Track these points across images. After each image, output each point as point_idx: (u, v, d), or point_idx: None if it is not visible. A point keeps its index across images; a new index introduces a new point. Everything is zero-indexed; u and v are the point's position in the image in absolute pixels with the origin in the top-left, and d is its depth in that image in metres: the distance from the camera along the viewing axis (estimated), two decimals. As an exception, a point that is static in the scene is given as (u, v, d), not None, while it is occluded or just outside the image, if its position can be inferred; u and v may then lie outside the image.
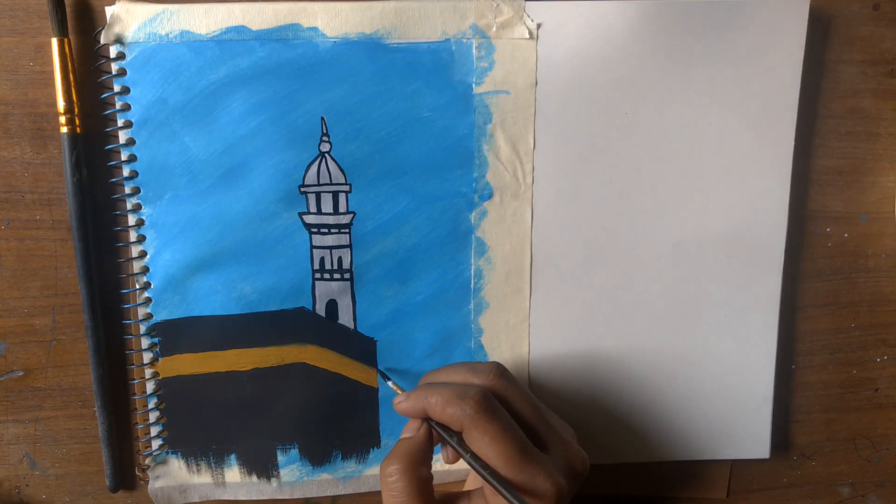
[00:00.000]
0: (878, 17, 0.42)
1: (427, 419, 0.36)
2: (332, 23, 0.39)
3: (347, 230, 0.41)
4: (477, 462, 0.33)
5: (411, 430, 0.36)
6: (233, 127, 0.39)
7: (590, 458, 0.37)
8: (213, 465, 0.43)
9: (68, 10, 0.38)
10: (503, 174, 0.41)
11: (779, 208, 0.42)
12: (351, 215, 0.41)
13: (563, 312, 0.43)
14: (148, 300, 0.41)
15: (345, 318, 0.42)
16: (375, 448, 0.43)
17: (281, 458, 0.43)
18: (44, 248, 0.41)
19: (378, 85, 0.39)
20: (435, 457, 0.43)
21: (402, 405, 0.36)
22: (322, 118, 0.40)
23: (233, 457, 0.43)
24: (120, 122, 0.39)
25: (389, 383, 0.41)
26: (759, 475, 0.47)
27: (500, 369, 0.36)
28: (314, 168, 0.40)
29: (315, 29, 0.39)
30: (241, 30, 0.38)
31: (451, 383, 0.36)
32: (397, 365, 0.42)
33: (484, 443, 0.33)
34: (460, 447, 0.34)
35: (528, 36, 0.40)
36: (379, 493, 0.44)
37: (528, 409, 0.36)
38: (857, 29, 0.42)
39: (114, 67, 0.38)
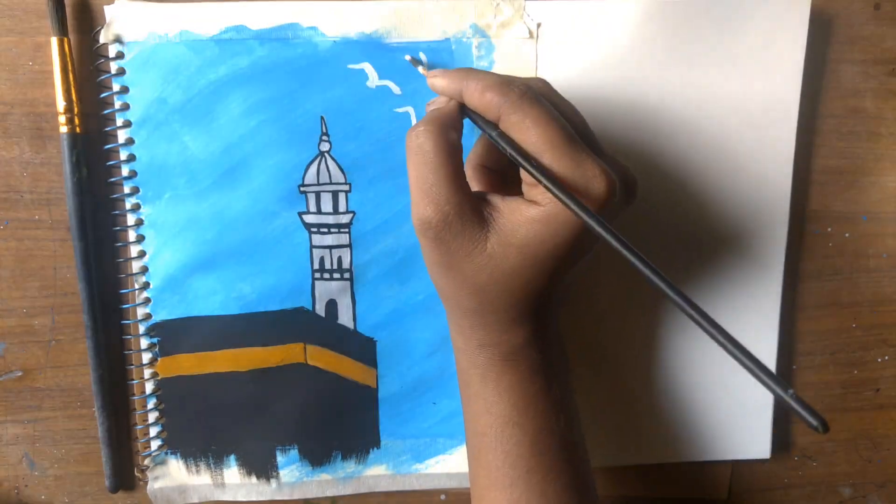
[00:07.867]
0: (879, 17, 0.42)
1: (461, 105, 0.33)
2: (332, 23, 0.39)
3: (347, 230, 0.41)
4: (513, 148, 0.29)
5: (439, 104, 0.33)
6: (232, 126, 0.39)
7: (590, 460, 0.36)
8: (212, 465, 0.43)
9: (68, 9, 0.38)
10: (503, 174, 0.41)
11: (779, 208, 0.42)
12: (351, 215, 0.41)
13: (563, 312, 0.43)
14: (147, 300, 0.41)
15: (344, 317, 0.42)
16: (375, 448, 0.43)
17: (280, 458, 0.43)
18: (43, 248, 0.41)
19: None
20: (435, 457, 0.43)
21: (437, 80, 0.33)
22: (322, 118, 0.40)
23: (232, 457, 0.43)
24: (119, 122, 0.39)
25: (419, 68, 0.39)
26: (760, 476, 0.47)
27: (546, 82, 0.33)
28: (314, 167, 0.40)
29: (315, 29, 0.39)
30: (240, 29, 0.38)
31: (493, 73, 0.32)
32: (397, 365, 0.42)
33: (525, 126, 0.29)
34: (497, 134, 0.30)
35: (528, 36, 0.39)
36: (379, 493, 0.44)
37: (578, 121, 0.32)
38: (858, 28, 0.42)
39: (113, 67, 0.38)
